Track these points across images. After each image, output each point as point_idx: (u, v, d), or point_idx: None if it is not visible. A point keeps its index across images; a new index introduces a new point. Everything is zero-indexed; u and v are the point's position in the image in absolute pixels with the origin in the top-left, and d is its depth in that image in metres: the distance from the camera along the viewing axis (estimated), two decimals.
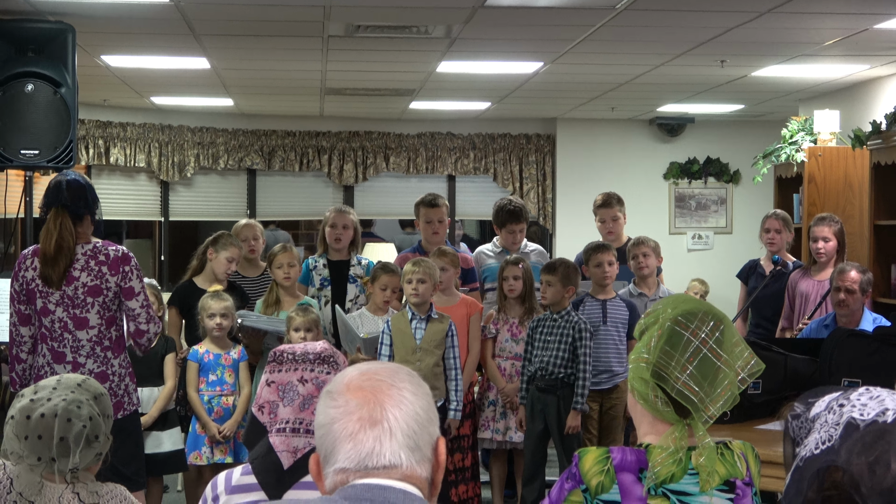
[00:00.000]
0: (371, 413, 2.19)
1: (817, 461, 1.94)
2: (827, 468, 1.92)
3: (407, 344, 7.13)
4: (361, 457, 2.18)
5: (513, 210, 8.32)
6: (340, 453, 2.19)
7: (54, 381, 3.62)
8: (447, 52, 8.90)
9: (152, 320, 5.91)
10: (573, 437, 7.23)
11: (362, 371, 2.26)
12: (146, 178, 13.06)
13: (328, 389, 2.26)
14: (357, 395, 2.21)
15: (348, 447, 2.18)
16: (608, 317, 7.61)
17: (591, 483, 3.19)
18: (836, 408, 1.99)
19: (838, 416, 1.97)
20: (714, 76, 10.13)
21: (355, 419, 2.19)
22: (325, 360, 3.32)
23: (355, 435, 2.18)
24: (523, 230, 8.40)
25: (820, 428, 1.98)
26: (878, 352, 6.08)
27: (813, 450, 1.95)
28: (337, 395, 2.23)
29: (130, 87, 10.88)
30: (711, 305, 3.30)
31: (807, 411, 2.07)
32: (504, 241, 8.38)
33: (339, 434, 2.20)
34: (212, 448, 7.14)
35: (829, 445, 1.94)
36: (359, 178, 13.65)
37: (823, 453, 1.94)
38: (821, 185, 9.83)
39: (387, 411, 2.20)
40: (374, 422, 2.19)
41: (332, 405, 2.22)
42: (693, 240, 13.81)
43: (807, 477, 1.95)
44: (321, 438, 2.23)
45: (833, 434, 1.95)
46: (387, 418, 2.19)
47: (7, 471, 3.50)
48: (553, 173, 13.79)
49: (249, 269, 8.18)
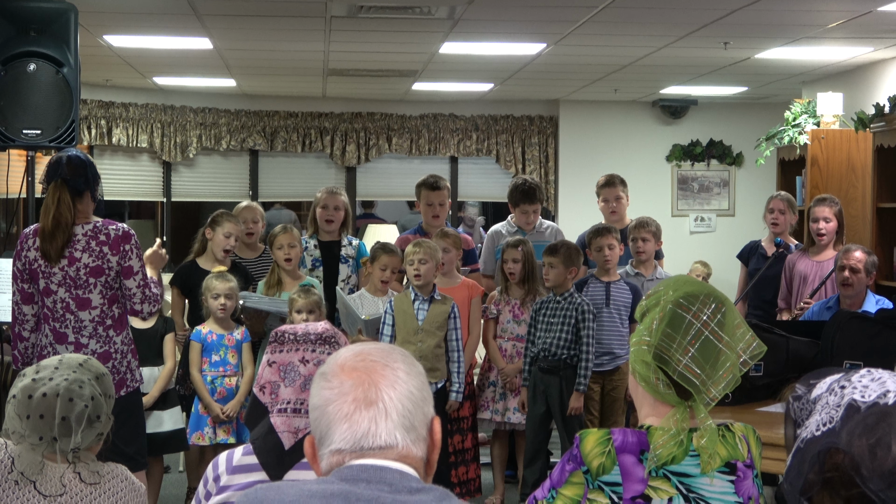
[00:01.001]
0: (366, 394, 2.20)
1: (818, 443, 1.94)
2: (828, 450, 1.92)
3: (409, 325, 7.14)
4: (357, 437, 2.18)
5: (526, 190, 8.29)
6: (336, 434, 2.19)
7: (56, 360, 3.63)
8: (450, 33, 8.88)
9: (147, 300, 5.90)
10: (575, 419, 7.23)
11: (355, 352, 2.27)
12: (148, 158, 13.05)
13: (322, 371, 2.26)
14: (351, 375, 2.22)
15: (343, 428, 2.19)
16: (611, 299, 7.61)
17: (592, 464, 3.19)
18: (838, 389, 1.98)
19: (839, 397, 1.96)
20: (717, 58, 10.10)
21: (350, 400, 2.20)
22: (326, 340, 3.32)
23: (350, 416, 2.19)
24: (537, 210, 8.38)
25: (821, 409, 1.97)
26: (881, 335, 6.08)
27: (814, 431, 1.95)
28: (331, 376, 2.23)
29: (133, 67, 10.87)
30: (713, 287, 3.29)
31: (808, 393, 2.07)
32: (518, 220, 8.38)
33: (334, 415, 2.20)
34: (214, 428, 7.15)
35: (830, 427, 1.94)
36: (361, 159, 13.64)
37: (824, 435, 1.94)
38: (823, 168, 9.82)
39: (381, 392, 2.20)
40: (368, 402, 2.19)
41: (326, 387, 2.23)
42: (695, 222, 13.80)
43: (808, 458, 1.95)
44: (316, 420, 2.23)
45: (834, 416, 1.95)
46: (381, 399, 2.20)
47: (8, 450, 3.51)
48: (555, 155, 13.77)
49: (247, 251, 8.16)
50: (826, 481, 1.92)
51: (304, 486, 2.17)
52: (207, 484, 3.32)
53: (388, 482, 2.14)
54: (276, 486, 2.21)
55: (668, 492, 3.18)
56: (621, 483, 3.18)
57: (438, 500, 2.16)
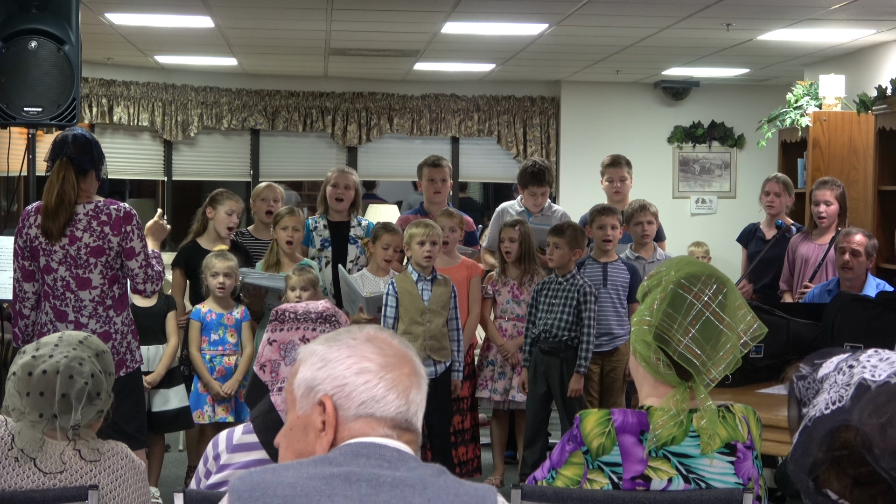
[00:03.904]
0: (419, 380, 2.30)
1: (828, 421, 1.94)
2: (838, 428, 1.92)
3: (416, 305, 7.13)
4: (409, 414, 2.27)
5: (536, 172, 8.29)
6: (391, 403, 2.25)
7: (56, 337, 3.63)
8: (452, 13, 8.86)
9: (150, 279, 5.90)
10: (575, 400, 7.24)
11: (388, 342, 2.34)
12: (149, 137, 13.04)
13: (368, 337, 2.31)
14: (401, 356, 2.30)
15: (400, 402, 2.26)
16: (608, 279, 7.61)
17: (592, 445, 3.19)
18: (846, 369, 1.98)
19: (848, 376, 1.96)
20: (719, 39, 10.08)
21: (406, 374, 2.28)
22: (326, 319, 3.33)
23: (408, 391, 2.27)
24: (546, 193, 8.38)
25: (829, 388, 1.97)
26: (881, 317, 6.08)
27: (823, 410, 1.95)
28: (384, 345, 2.30)
29: (134, 45, 10.85)
30: (715, 268, 3.29)
31: (813, 372, 2.07)
32: (526, 202, 8.38)
33: (393, 383, 2.26)
34: (214, 407, 7.16)
35: (839, 406, 1.94)
36: (362, 139, 13.63)
37: (834, 413, 1.94)
38: (825, 150, 9.81)
39: (421, 382, 2.32)
40: (419, 387, 2.30)
41: (379, 353, 2.28)
42: (696, 204, 13.79)
43: (816, 437, 1.94)
44: (365, 382, 2.26)
45: (844, 394, 1.94)
46: (421, 388, 2.31)
47: (8, 427, 3.51)
48: (557, 136, 13.75)
49: (264, 231, 8.08)
50: (835, 459, 1.92)
51: (303, 468, 2.17)
52: (207, 462, 3.33)
53: (386, 459, 2.16)
54: (272, 469, 2.20)
55: (668, 472, 3.19)
56: (621, 463, 3.19)
57: (437, 474, 2.18)
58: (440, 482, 2.17)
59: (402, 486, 2.13)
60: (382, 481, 2.12)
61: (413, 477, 2.14)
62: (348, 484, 2.12)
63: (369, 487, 2.12)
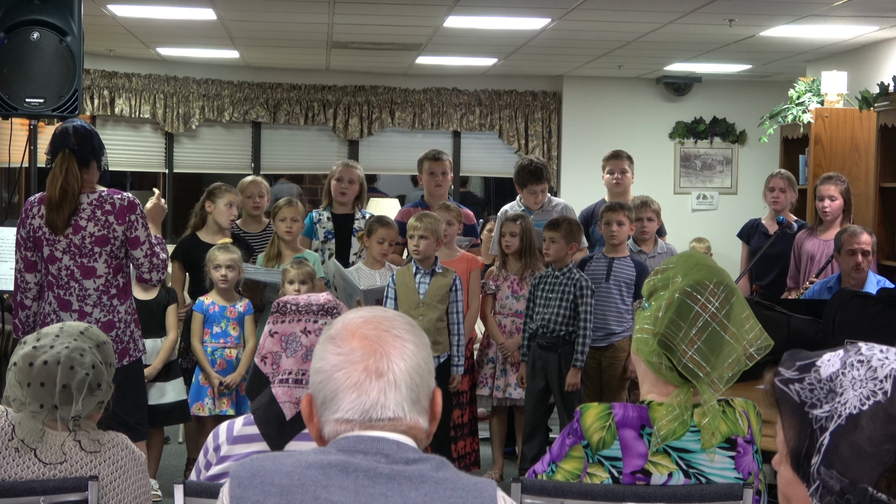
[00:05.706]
0: (377, 364, 2.20)
1: (876, 417, 1.90)
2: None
3: (410, 298, 7.14)
4: (366, 408, 2.18)
5: (533, 170, 8.28)
6: (344, 402, 2.19)
7: (57, 328, 3.63)
8: (454, 7, 8.86)
9: (155, 268, 5.91)
10: (574, 395, 7.24)
11: (366, 318, 2.26)
12: (151, 129, 13.04)
13: (331, 334, 2.25)
14: (362, 343, 2.21)
15: (352, 397, 2.19)
16: (612, 275, 7.59)
17: (592, 439, 3.19)
18: (857, 364, 1.96)
19: (869, 370, 1.94)
20: (722, 35, 10.08)
21: (360, 369, 2.20)
22: (328, 311, 3.33)
23: (360, 385, 2.19)
24: (544, 190, 8.36)
25: (851, 385, 1.94)
26: (882, 313, 6.08)
27: (860, 406, 1.91)
28: (340, 340, 2.23)
29: (136, 37, 10.85)
30: (724, 273, 3.25)
31: (804, 374, 2.04)
32: (526, 200, 8.36)
33: (343, 382, 2.20)
34: (214, 399, 7.16)
35: (877, 400, 1.91)
36: (364, 132, 13.63)
37: (880, 407, 1.91)
38: (827, 147, 9.80)
39: (392, 363, 2.20)
40: (379, 373, 2.20)
41: (335, 351, 2.22)
42: (698, 200, 13.78)
43: (866, 435, 1.90)
44: (321, 383, 2.22)
45: (875, 389, 1.92)
46: (392, 370, 2.20)
47: (9, 418, 3.51)
48: (559, 131, 13.75)
49: (252, 224, 8.16)
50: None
51: (302, 457, 2.17)
52: (207, 454, 3.33)
53: (384, 453, 2.15)
54: (272, 457, 2.20)
55: (668, 467, 3.19)
56: (621, 457, 3.19)
57: (436, 468, 2.17)
58: (439, 476, 2.16)
59: (400, 478, 2.13)
60: (379, 473, 2.12)
61: (411, 470, 2.14)
62: (345, 474, 2.12)
63: (366, 479, 2.12)
